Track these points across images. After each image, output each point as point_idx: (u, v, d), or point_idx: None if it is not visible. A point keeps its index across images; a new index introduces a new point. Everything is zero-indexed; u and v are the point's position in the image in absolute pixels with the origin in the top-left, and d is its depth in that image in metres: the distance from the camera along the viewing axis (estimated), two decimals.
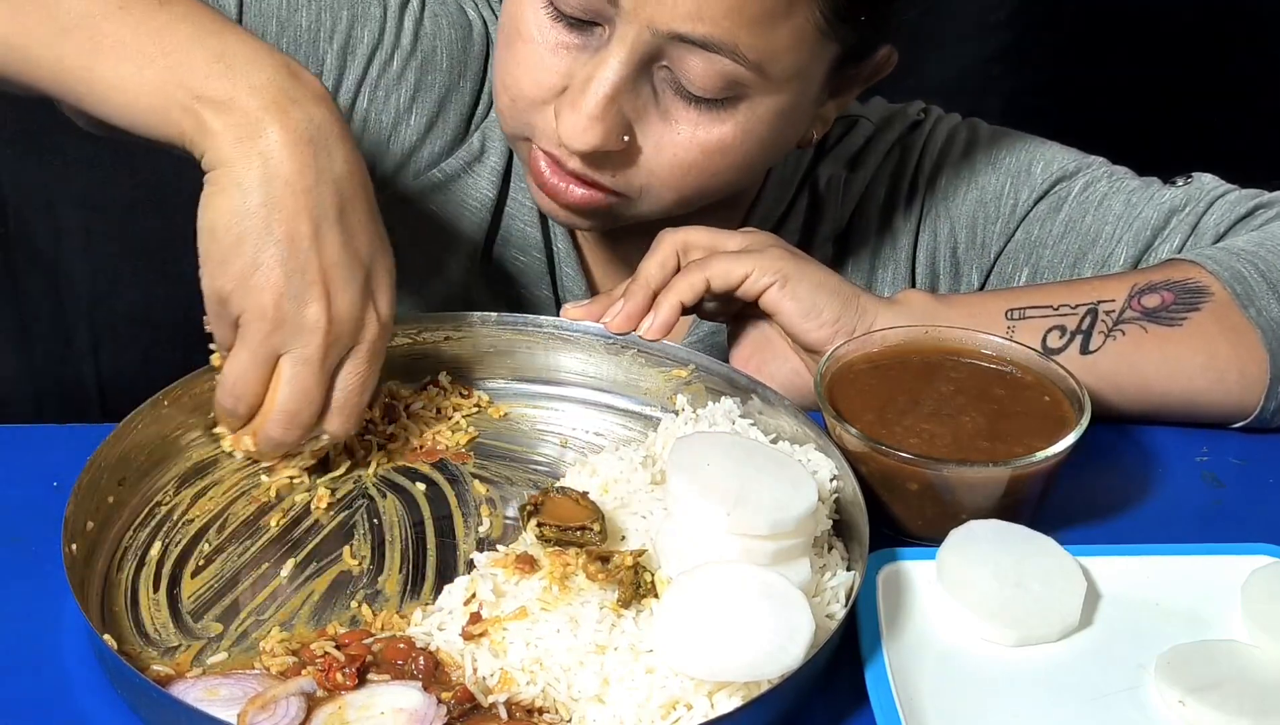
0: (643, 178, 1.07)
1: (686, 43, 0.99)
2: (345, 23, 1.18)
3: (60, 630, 0.82)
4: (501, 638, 0.80)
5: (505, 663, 0.80)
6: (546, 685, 0.79)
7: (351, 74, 1.19)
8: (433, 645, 0.82)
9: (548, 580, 0.82)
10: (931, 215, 1.26)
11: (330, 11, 1.18)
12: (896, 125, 1.28)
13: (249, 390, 0.90)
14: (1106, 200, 1.21)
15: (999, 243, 1.25)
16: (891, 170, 1.27)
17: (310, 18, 1.17)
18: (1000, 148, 1.26)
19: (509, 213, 1.25)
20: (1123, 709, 0.81)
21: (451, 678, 0.80)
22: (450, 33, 1.22)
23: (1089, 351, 1.03)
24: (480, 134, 1.24)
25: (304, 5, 1.17)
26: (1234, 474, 1.04)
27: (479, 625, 0.81)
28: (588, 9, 1.01)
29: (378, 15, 1.19)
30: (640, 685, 0.77)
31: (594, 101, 1.01)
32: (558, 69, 1.04)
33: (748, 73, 1.01)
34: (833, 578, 0.85)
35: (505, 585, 0.83)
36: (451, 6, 1.23)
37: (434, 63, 1.21)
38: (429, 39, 1.21)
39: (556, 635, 0.79)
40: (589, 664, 0.79)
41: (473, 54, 1.23)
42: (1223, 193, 1.20)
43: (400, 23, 1.20)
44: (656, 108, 1.04)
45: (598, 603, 0.80)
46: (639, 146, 1.05)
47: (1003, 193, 1.24)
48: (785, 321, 1.03)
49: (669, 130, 1.04)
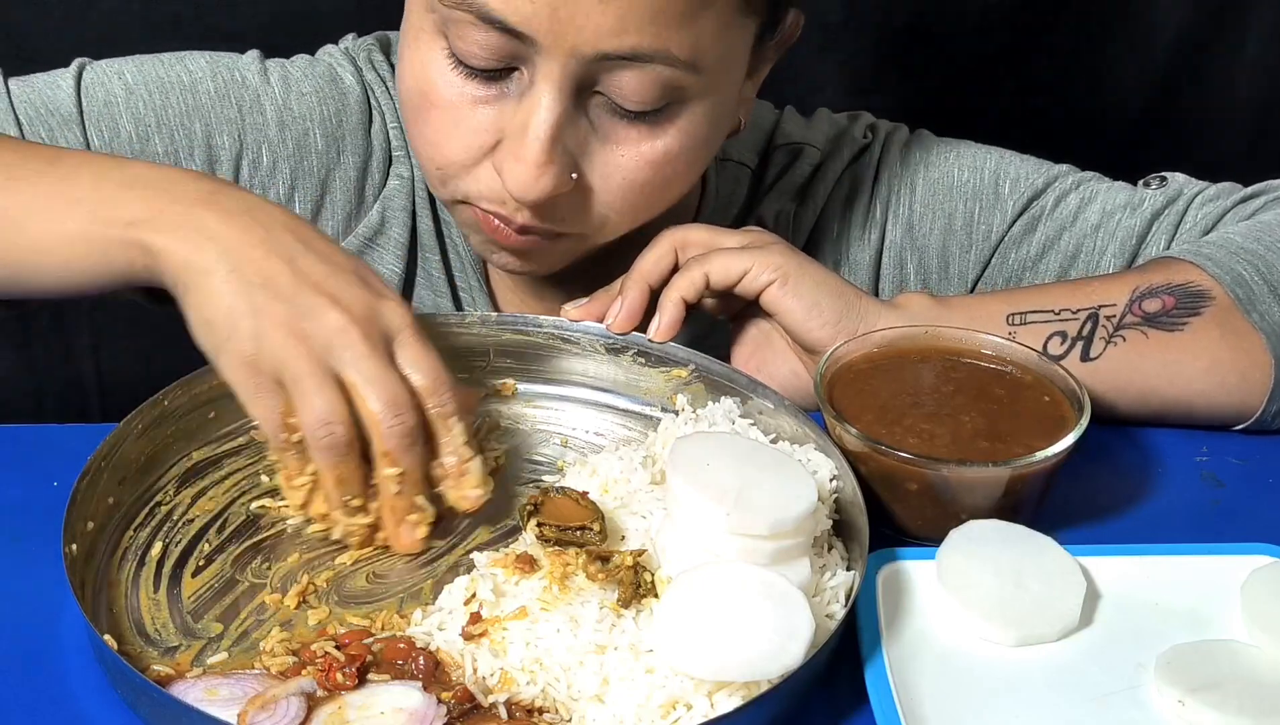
0: (597, 210, 1.03)
1: (616, 60, 0.94)
2: (201, 136, 1.14)
3: (60, 630, 0.82)
4: (501, 638, 0.80)
5: (505, 663, 0.80)
6: (546, 685, 0.79)
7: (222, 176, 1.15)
8: (433, 645, 0.82)
9: (548, 580, 0.82)
10: (895, 247, 1.24)
11: (183, 130, 1.14)
12: (844, 151, 1.25)
13: (335, 410, 0.85)
14: (1081, 213, 1.20)
15: (975, 270, 1.23)
16: (843, 201, 1.24)
17: (164, 143, 1.13)
18: (960, 168, 1.23)
19: (419, 285, 1.21)
20: (1123, 709, 0.81)
21: (451, 678, 0.80)
22: (321, 109, 1.17)
23: (1090, 358, 1.03)
24: (380, 206, 1.19)
25: (154, 132, 1.13)
26: (1234, 474, 1.04)
27: (479, 625, 0.81)
28: (499, 55, 0.95)
29: (233, 116, 1.15)
30: (640, 685, 0.77)
31: (537, 147, 0.96)
32: (484, 126, 0.99)
33: (682, 74, 0.96)
34: (833, 578, 0.85)
35: (505, 585, 0.83)
36: (320, 77, 1.18)
37: (308, 146, 1.16)
38: (299, 122, 1.16)
39: (556, 635, 0.79)
40: (589, 664, 0.79)
41: (351, 124, 1.18)
42: (1199, 190, 1.19)
43: (262, 115, 1.15)
44: (597, 135, 0.99)
45: (598, 602, 0.80)
46: (589, 183, 1.01)
47: (973, 221, 1.22)
48: (786, 321, 1.03)
49: (614, 155, 1.00)
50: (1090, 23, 1.82)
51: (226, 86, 1.15)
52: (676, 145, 1.01)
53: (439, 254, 1.21)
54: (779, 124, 1.27)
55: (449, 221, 1.20)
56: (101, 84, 1.13)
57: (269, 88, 1.16)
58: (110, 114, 1.12)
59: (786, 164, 1.25)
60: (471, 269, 1.21)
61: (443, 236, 1.21)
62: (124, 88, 1.13)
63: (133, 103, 1.13)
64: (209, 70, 1.16)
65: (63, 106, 1.11)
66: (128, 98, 1.13)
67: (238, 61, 1.18)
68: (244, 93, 1.16)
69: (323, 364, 0.85)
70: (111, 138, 1.12)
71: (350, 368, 0.86)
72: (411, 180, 1.19)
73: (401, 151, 1.19)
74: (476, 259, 1.21)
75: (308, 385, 0.85)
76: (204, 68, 1.16)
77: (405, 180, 1.19)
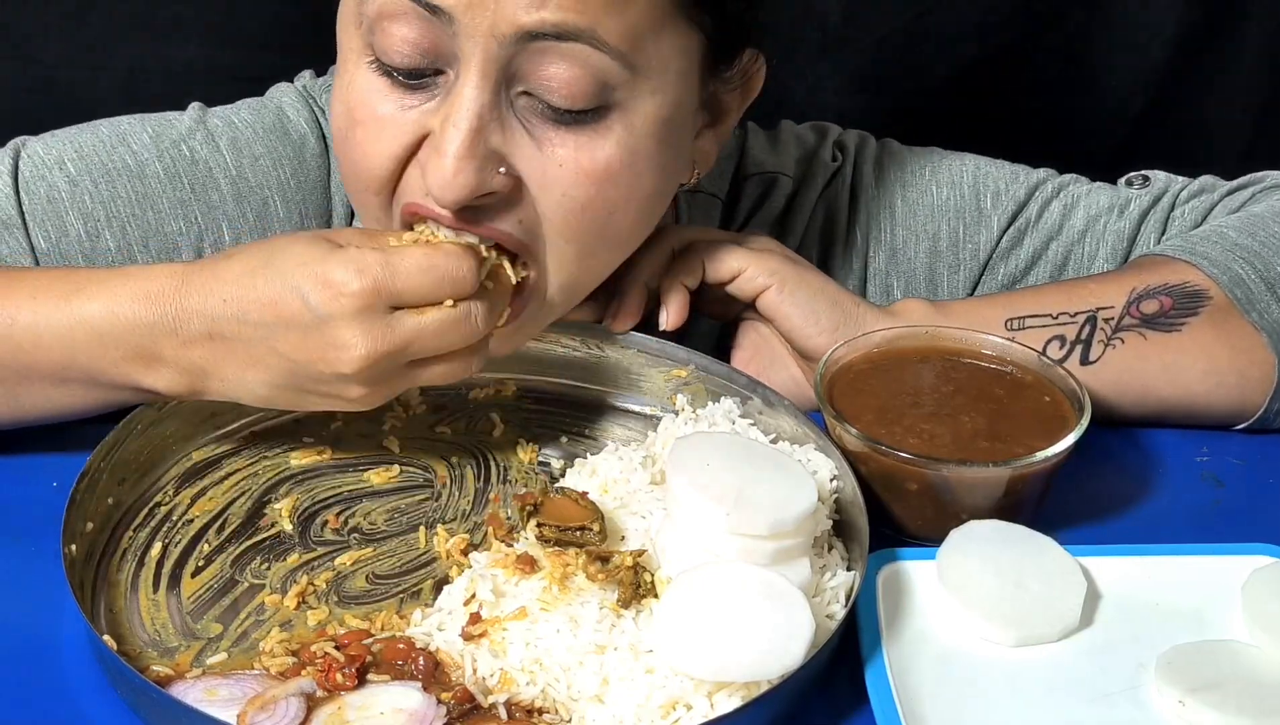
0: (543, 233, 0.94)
1: (540, 40, 0.88)
2: (154, 224, 1.09)
3: (60, 630, 0.82)
4: (501, 638, 0.80)
5: (505, 663, 0.80)
6: (546, 685, 0.79)
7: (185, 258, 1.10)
8: (432, 646, 0.82)
9: (548, 580, 0.82)
10: (880, 274, 1.22)
11: (135, 222, 1.08)
12: (818, 178, 1.21)
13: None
14: (1066, 221, 1.19)
15: (965, 290, 1.22)
16: (820, 230, 1.21)
17: (115, 238, 1.08)
18: (937, 184, 1.21)
19: None
20: (1123, 709, 0.81)
21: (451, 678, 0.80)
22: (278, 173, 1.12)
23: (1090, 362, 1.03)
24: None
25: (104, 228, 1.07)
26: (1234, 474, 1.04)
27: (479, 625, 0.81)
28: (421, 49, 0.90)
29: (186, 198, 1.10)
30: (640, 685, 0.77)
31: (457, 138, 0.89)
32: (408, 130, 0.92)
33: (612, 63, 0.89)
34: (833, 578, 0.85)
35: (505, 585, 0.83)
36: (270, 131, 1.13)
37: (269, 215, 1.12)
38: (256, 193, 1.12)
39: (556, 635, 0.80)
40: (589, 664, 0.79)
41: (309, 184, 1.14)
42: (1183, 186, 1.19)
43: (217, 191, 1.11)
44: (530, 137, 0.91)
45: (597, 602, 0.80)
46: (523, 186, 0.93)
47: (959, 240, 1.20)
48: (783, 326, 1.03)
49: (549, 161, 0.92)
50: (1089, 24, 1.82)
51: (174, 164, 1.10)
52: (615, 159, 0.93)
53: None
54: (746, 150, 1.23)
55: None
56: (41, 177, 1.07)
57: (219, 156, 1.11)
58: (55, 211, 1.06)
59: (760, 195, 1.21)
60: None
61: None
62: (66, 180, 1.07)
63: (78, 197, 1.07)
64: (154, 148, 1.10)
65: (1, 209, 1.06)
66: (72, 191, 1.07)
67: (180, 128, 1.12)
68: (194, 170, 1.10)
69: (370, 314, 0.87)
70: (59, 238, 1.06)
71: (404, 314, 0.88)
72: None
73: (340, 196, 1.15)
74: None
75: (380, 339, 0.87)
76: (148, 146, 1.10)
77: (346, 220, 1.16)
